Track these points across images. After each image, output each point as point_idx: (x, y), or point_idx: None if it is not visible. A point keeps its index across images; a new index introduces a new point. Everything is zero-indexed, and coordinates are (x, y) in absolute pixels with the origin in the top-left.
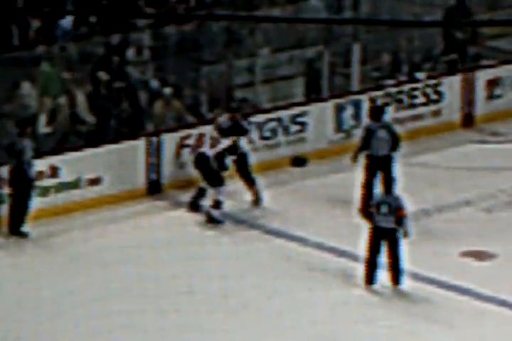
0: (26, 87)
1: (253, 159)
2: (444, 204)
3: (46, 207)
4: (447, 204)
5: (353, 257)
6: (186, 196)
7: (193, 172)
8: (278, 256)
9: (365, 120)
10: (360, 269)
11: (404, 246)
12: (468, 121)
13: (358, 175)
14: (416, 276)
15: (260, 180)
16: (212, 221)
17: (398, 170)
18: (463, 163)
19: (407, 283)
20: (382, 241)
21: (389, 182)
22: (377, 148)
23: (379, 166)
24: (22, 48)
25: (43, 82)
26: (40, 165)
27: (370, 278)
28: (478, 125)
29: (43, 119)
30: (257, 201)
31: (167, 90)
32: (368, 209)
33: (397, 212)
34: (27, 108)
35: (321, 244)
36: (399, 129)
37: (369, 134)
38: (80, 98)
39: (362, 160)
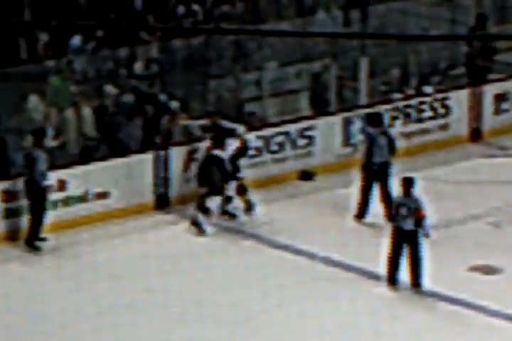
0: (33, 101)
1: (259, 172)
2: (451, 218)
3: (54, 220)
4: (455, 218)
5: (359, 270)
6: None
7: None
8: (285, 268)
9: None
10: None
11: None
12: (476, 135)
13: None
14: (423, 291)
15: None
16: (196, 225)
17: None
18: (470, 177)
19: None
20: (403, 242)
21: (388, 188)
22: (377, 154)
23: (378, 172)
24: (30, 62)
25: (51, 96)
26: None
27: (392, 279)
28: (485, 139)
29: (50, 133)
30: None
31: (174, 104)
32: (390, 211)
33: (416, 214)
34: (33, 121)
35: (328, 257)
36: (407, 143)
37: (371, 142)
38: (87, 112)
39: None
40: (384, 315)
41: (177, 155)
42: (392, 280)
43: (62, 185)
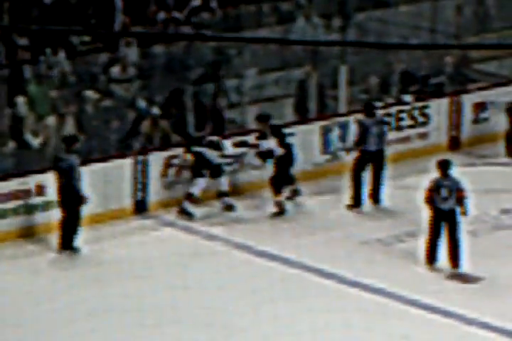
0: (20, 103)
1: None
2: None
3: (34, 224)
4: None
5: (338, 279)
6: (172, 215)
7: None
8: (270, 277)
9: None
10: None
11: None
12: (455, 143)
13: (343, 197)
14: (400, 298)
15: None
16: (183, 212)
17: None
18: None
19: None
20: (442, 223)
21: (381, 175)
22: (370, 143)
23: (371, 160)
24: (9, 67)
25: (30, 102)
26: (28, 183)
27: (430, 258)
28: (464, 148)
29: (29, 138)
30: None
31: (155, 110)
32: (428, 193)
33: (458, 193)
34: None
35: (305, 265)
36: (386, 151)
37: (364, 130)
38: (68, 118)
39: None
40: (359, 324)
41: (156, 160)
42: (431, 260)
43: (40, 190)
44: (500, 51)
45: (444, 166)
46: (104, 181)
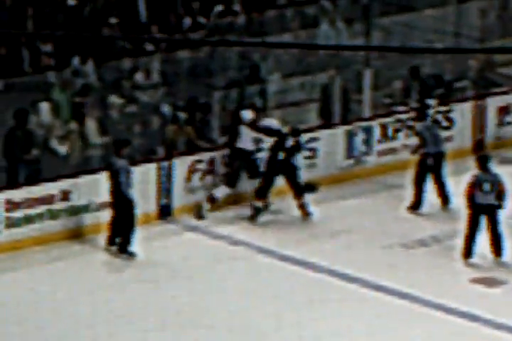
0: (45, 109)
1: None
2: (453, 230)
3: (58, 230)
4: (456, 230)
5: (363, 283)
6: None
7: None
8: (289, 281)
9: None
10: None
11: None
12: (479, 147)
13: (367, 201)
14: (426, 303)
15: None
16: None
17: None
18: None
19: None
20: (481, 218)
21: (443, 178)
22: (430, 146)
23: (432, 163)
24: (33, 73)
25: (53, 109)
26: (52, 188)
27: (467, 252)
28: (489, 151)
29: (55, 143)
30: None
31: (181, 115)
32: (469, 189)
33: (500, 186)
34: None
35: (330, 270)
36: (410, 156)
37: (422, 135)
38: (91, 123)
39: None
40: (381, 326)
41: (181, 165)
42: (468, 254)
43: (65, 195)
44: None
45: (483, 161)
46: None
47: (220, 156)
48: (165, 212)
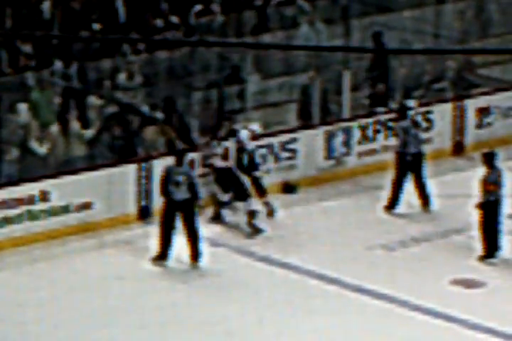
0: (23, 110)
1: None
2: (433, 231)
3: (40, 231)
4: (437, 231)
5: (342, 284)
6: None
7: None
8: (267, 282)
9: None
10: None
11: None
12: (458, 148)
13: (347, 202)
14: (405, 304)
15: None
16: (253, 227)
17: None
18: (453, 191)
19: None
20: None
21: (423, 179)
22: (411, 145)
23: (412, 162)
24: (12, 74)
25: (33, 110)
26: (32, 189)
27: (488, 251)
28: (468, 153)
29: (34, 144)
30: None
31: (159, 115)
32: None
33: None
34: (16, 133)
35: (310, 271)
36: (389, 157)
37: (405, 133)
38: (75, 123)
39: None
40: (364, 328)
41: (160, 166)
42: (491, 252)
43: (44, 196)
44: (503, 56)
45: (489, 157)
46: (108, 187)
47: (200, 157)
48: (145, 214)
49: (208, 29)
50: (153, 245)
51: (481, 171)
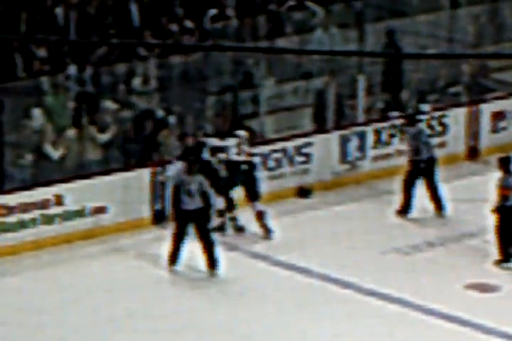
0: (37, 115)
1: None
2: (448, 235)
3: (53, 235)
4: (451, 236)
5: (358, 288)
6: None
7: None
8: (282, 287)
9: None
10: None
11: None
12: (473, 153)
13: (362, 207)
14: (420, 308)
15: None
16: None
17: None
18: (467, 195)
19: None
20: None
21: (435, 183)
22: (424, 151)
23: (425, 168)
24: (27, 78)
25: (47, 115)
26: (46, 193)
27: (504, 255)
28: (482, 157)
29: (48, 148)
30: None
31: (172, 119)
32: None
33: None
34: (32, 137)
35: (325, 275)
36: (404, 161)
37: (416, 139)
38: (91, 127)
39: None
40: (379, 333)
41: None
42: (507, 257)
43: (59, 200)
44: None
45: (505, 162)
46: (124, 191)
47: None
48: (159, 218)
49: (223, 34)
50: (165, 251)
51: (496, 175)
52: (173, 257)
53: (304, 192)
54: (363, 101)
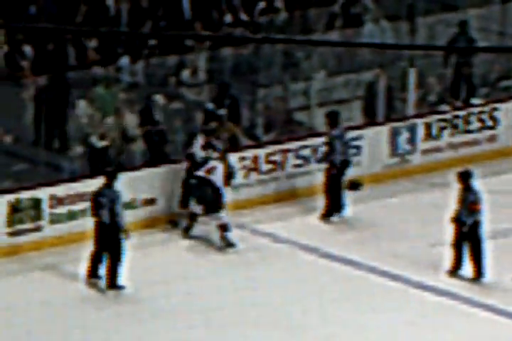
0: (82, 106)
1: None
2: (499, 229)
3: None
4: (502, 230)
5: (405, 280)
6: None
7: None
8: (333, 278)
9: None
10: None
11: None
12: None
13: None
14: (467, 300)
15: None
16: (225, 241)
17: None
18: None
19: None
20: None
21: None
22: (340, 153)
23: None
24: (78, 68)
25: (97, 104)
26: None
27: None
28: None
29: (94, 139)
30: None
31: (222, 111)
32: None
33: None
34: (80, 127)
35: (375, 267)
36: (455, 154)
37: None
38: (130, 118)
39: None
40: (425, 325)
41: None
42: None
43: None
44: None
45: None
46: (172, 183)
47: (265, 154)
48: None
49: (272, 26)
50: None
51: None
52: (92, 271)
53: (354, 184)
54: (413, 94)
